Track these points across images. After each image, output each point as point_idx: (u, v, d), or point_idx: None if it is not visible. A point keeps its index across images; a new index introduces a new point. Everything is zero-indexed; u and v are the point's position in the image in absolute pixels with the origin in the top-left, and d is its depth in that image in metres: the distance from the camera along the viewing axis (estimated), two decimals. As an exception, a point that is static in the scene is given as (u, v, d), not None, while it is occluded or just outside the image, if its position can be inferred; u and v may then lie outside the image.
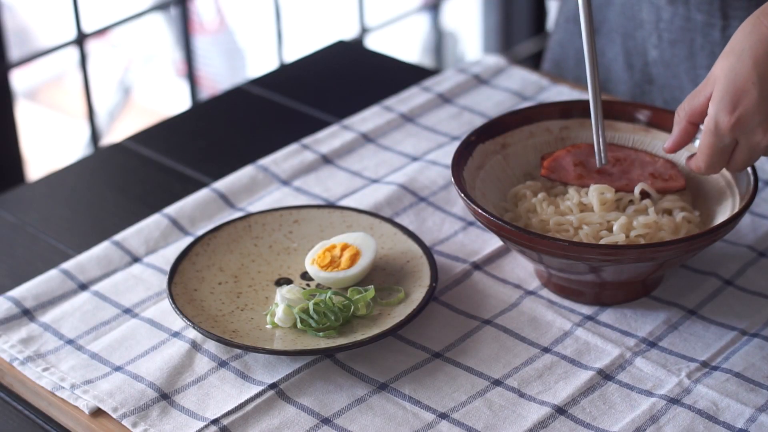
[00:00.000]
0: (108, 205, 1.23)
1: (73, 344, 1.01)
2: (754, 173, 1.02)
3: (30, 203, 1.24)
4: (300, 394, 0.96)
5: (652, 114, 1.12)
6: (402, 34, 2.96)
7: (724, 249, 1.09)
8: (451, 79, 1.37)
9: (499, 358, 0.99)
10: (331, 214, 1.12)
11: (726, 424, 0.92)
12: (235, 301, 1.04)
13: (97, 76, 2.87)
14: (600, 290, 1.03)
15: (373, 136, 1.28)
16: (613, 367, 0.97)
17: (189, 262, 1.06)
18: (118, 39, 3.16)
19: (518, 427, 0.92)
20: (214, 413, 0.94)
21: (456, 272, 1.08)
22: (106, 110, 3.14)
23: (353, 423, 0.93)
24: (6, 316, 1.04)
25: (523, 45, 2.91)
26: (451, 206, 1.16)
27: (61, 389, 0.97)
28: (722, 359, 0.98)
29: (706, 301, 1.04)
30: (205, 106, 1.46)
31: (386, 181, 1.20)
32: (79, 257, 1.11)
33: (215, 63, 3.22)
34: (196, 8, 3.07)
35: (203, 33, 3.15)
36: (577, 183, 1.06)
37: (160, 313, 1.04)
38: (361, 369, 0.98)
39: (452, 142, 1.27)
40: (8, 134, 1.97)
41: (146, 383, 0.96)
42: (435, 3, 2.97)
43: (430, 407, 0.94)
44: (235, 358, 0.99)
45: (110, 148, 1.34)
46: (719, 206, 1.05)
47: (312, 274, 1.04)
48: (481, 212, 1.00)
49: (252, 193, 1.19)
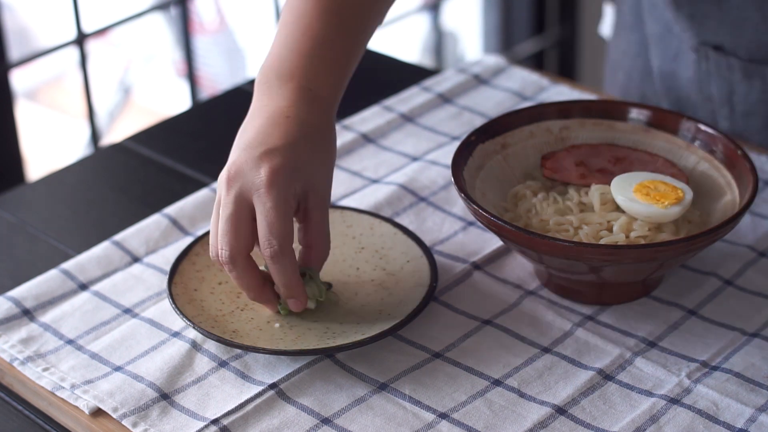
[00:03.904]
0: (108, 205, 1.23)
1: (73, 344, 1.01)
2: (754, 173, 1.02)
3: (30, 203, 1.24)
4: (300, 394, 0.96)
5: (652, 114, 1.12)
6: (402, 34, 2.96)
7: (724, 249, 1.09)
8: (451, 79, 1.37)
9: (499, 358, 0.99)
10: (331, 214, 1.12)
11: (726, 424, 0.92)
12: (235, 301, 1.04)
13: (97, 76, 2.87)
14: (600, 290, 1.03)
15: (373, 136, 1.28)
16: (613, 367, 0.97)
17: (189, 262, 1.06)
18: (118, 39, 3.16)
19: (518, 427, 0.92)
20: (214, 413, 0.94)
21: (456, 272, 1.08)
22: (106, 110, 3.14)
23: (353, 423, 0.93)
24: (6, 316, 1.04)
25: (523, 45, 2.91)
26: (451, 206, 1.16)
27: (61, 389, 0.97)
28: (722, 359, 0.98)
29: (706, 301, 1.04)
30: (205, 106, 1.46)
31: (386, 181, 1.20)
32: (79, 257, 1.11)
33: (215, 63, 3.22)
34: (196, 8, 3.07)
35: (203, 33, 3.15)
36: (580, 183, 1.06)
37: (160, 313, 1.04)
38: (361, 369, 0.98)
39: (452, 142, 1.27)
40: (8, 134, 1.97)
41: (146, 383, 0.96)
42: (435, 3, 2.97)
43: (430, 407, 0.94)
44: (235, 358, 0.99)
45: (110, 148, 1.34)
46: (719, 206, 1.05)
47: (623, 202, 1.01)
48: (481, 212, 1.00)
49: (252, 193, 1.19)
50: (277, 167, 0.95)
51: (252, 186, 0.95)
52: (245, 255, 0.96)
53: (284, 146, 0.96)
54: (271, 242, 0.94)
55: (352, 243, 1.10)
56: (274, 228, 0.94)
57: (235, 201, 0.95)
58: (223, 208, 0.96)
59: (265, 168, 0.94)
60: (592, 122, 1.13)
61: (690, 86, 1.30)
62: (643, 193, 1.02)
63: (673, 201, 1.01)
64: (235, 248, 0.95)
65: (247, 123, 1.00)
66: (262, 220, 0.95)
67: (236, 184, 0.95)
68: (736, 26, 1.22)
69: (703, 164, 1.09)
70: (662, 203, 1.01)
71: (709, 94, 1.28)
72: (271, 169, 0.94)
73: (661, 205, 1.01)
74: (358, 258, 1.08)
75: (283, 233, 0.94)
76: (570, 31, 2.92)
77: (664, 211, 1.01)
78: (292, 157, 0.96)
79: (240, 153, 0.96)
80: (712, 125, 1.11)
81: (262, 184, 0.94)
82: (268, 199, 0.94)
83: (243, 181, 0.95)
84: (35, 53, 2.11)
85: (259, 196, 0.94)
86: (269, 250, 0.95)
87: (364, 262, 1.08)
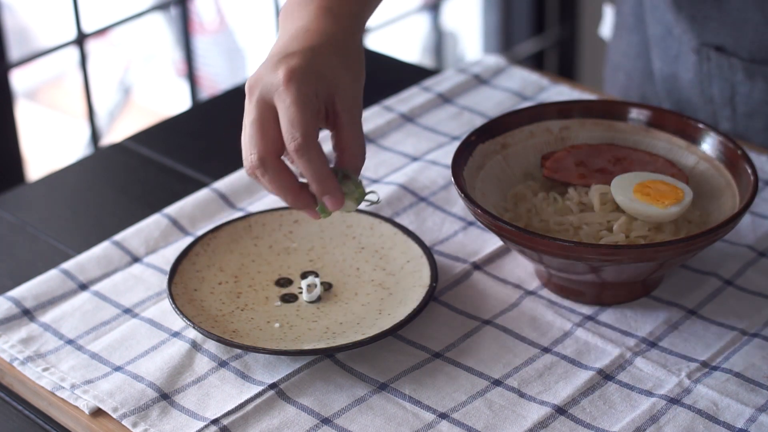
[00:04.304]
0: (108, 205, 1.23)
1: (73, 344, 1.01)
2: (754, 173, 1.02)
3: (30, 203, 1.24)
4: (300, 394, 0.96)
5: (652, 114, 1.12)
6: (402, 34, 2.96)
7: (724, 249, 1.09)
8: (451, 79, 1.37)
9: (499, 358, 0.99)
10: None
11: (726, 424, 0.92)
12: (235, 301, 1.04)
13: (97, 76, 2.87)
14: (600, 290, 1.03)
15: (373, 136, 1.28)
16: (613, 367, 0.97)
17: (189, 262, 1.06)
18: (118, 39, 3.16)
19: (518, 427, 0.92)
20: (214, 413, 0.94)
21: (456, 272, 1.08)
22: (106, 110, 3.14)
23: (353, 423, 0.93)
24: (6, 316, 1.04)
25: (523, 45, 2.91)
26: (451, 206, 1.16)
27: (61, 389, 0.97)
28: (722, 359, 0.98)
29: (706, 301, 1.04)
30: (205, 106, 1.46)
31: (386, 181, 1.20)
32: (79, 257, 1.11)
33: (215, 63, 3.22)
34: (196, 8, 3.07)
35: (203, 33, 3.15)
36: (580, 183, 1.06)
37: (160, 313, 1.04)
38: (361, 369, 0.98)
39: (452, 142, 1.27)
40: (8, 134, 1.97)
41: (146, 383, 0.96)
42: (435, 3, 2.97)
43: (430, 407, 0.94)
44: (235, 358, 0.99)
45: (110, 148, 1.34)
46: (719, 206, 1.05)
47: (623, 202, 1.01)
48: (481, 212, 1.00)
49: (252, 193, 1.19)
50: (294, 66, 0.93)
51: (271, 87, 0.93)
52: (274, 157, 0.93)
53: (302, 50, 0.94)
54: (294, 135, 0.92)
55: (352, 243, 1.10)
56: (296, 121, 0.92)
57: (257, 106, 0.94)
58: (247, 115, 0.94)
59: (283, 69, 0.93)
60: (592, 122, 1.13)
61: (691, 88, 1.29)
62: (643, 193, 1.02)
63: (673, 201, 1.01)
64: (263, 150, 0.93)
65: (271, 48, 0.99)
66: (283, 116, 0.92)
67: (256, 90, 0.94)
68: (737, 27, 1.22)
69: (703, 164, 1.09)
70: (662, 203, 1.01)
71: (710, 96, 1.28)
72: (288, 68, 0.93)
73: (661, 205, 1.01)
74: (358, 258, 1.08)
75: (306, 126, 0.92)
76: (570, 31, 2.92)
77: (664, 211, 1.01)
78: (311, 57, 0.94)
79: (260, 66, 0.95)
80: (712, 125, 1.12)
81: (281, 83, 0.92)
82: (287, 95, 0.92)
83: (262, 85, 0.93)
84: (35, 53, 2.11)
85: (279, 94, 0.93)
86: (293, 143, 0.92)
87: (364, 262, 1.08)
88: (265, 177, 0.93)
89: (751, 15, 1.21)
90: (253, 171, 0.94)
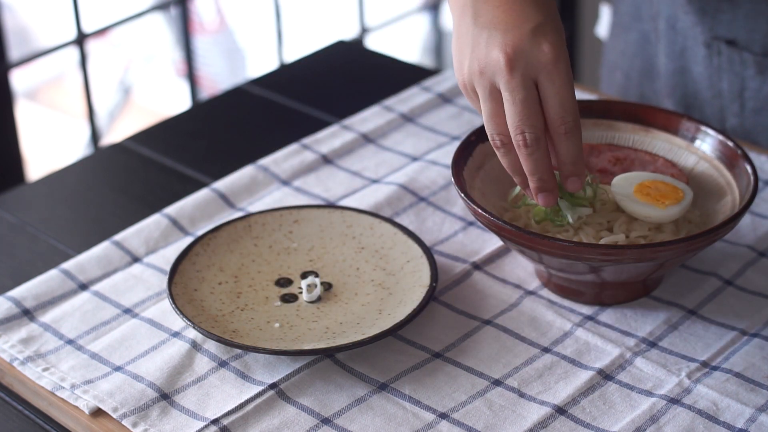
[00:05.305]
0: (108, 205, 1.23)
1: (73, 344, 1.01)
2: (754, 173, 1.02)
3: (30, 203, 1.24)
4: (300, 394, 0.96)
5: (652, 114, 1.12)
6: (402, 34, 2.96)
7: (724, 249, 1.09)
8: (451, 79, 1.37)
9: (499, 358, 0.99)
10: (331, 214, 1.12)
11: (726, 424, 0.92)
12: (235, 301, 1.04)
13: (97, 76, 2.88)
14: (600, 290, 1.03)
15: (373, 136, 1.28)
16: (613, 367, 0.97)
17: (189, 262, 1.06)
18: (118, 39, 3.16)
19: (518, 427, 0.92)
20: (214, 413, 0.94)
21: (456, 272, 1.08)
22: (106, 110, 3.14)
23: (353, 423, 0.93)
24: (6, 316, 1.04)
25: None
26: (451, 206, 1.16)
27: (61, 389, 0.97)
28: (722, 359, 0.98)
29: (706, 301, 1.04)
30: (205, 106, 1.46)
31: (386, 181, 1.20)
32: (79, 257, 1.11)
33: (215, 63, 3.22)
34: (196, 8, 3.07)
35: (203, 33, 3.16)
36: (578, 183, 1.07)
37: (160, 313, 1.04)
38: (361, 369, 0.98)
39: (452, 142, 1.27)
40: (8, 134, 1.97)
41: (146, 383, 0.96)
42: (435, 3, 2.97)
43: (430, 407, 0.94)
44: (235, 358, 0.99)
45: (110, 148, 1.34)
46: (719, 206, 1.05)
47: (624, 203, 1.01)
48: (481, 212, 1.00)
49: (252, 193, 1.19)
50: (556, 42, 0.93)
51: (538, 64, 0.93)
52: (544, 137, 0.94)
53: (546, 21, 0.93)
54: (565, 119, 0.93)
55: (352, 243, 1.10)
56: (567, 104, 0.93)
57: (524, 83, 0.93)
58: (514, 91, 0.93)
59: (547, 45, 0.92)
60: (592, 122, 1.13)
61: (699, 82, 1.29)
62: (643, 193, 1.02)
63: (673, 201, 1.01)
64: (540, 129, 0.93)
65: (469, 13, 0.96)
66: (553, 97, 0.93)
67: (519, 65, 0.93)
68: (750, 20, 1.21)
69: (703, 164, 1.09)
70: (662, 203, 1.01)
71: (719, 90, 1.27)
72: (552, 45, 0.92)
73: (661, 205, 1.01)
74: (358, 258, 1.08)
75: (576, 109, 0.93)
76: (568, 31, 2.92)
77: (664, 211, 1.01)
78: (561, 28, 0.94)
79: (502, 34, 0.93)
80: (712, 125, 1.11)
81: (549, 62, 0.92)
82: (557, 76, 0.92)
83: (526, 61, 0.93)
84: (35, 53, 2.12)
85: (548, 73, 0.92)
86: (563, 126, 0.93)
87: (364, 262, 1.08)
88: (534, 155, 0.94)
89: (764, 8, 1.20)
90: (531, 148, 0.94)
